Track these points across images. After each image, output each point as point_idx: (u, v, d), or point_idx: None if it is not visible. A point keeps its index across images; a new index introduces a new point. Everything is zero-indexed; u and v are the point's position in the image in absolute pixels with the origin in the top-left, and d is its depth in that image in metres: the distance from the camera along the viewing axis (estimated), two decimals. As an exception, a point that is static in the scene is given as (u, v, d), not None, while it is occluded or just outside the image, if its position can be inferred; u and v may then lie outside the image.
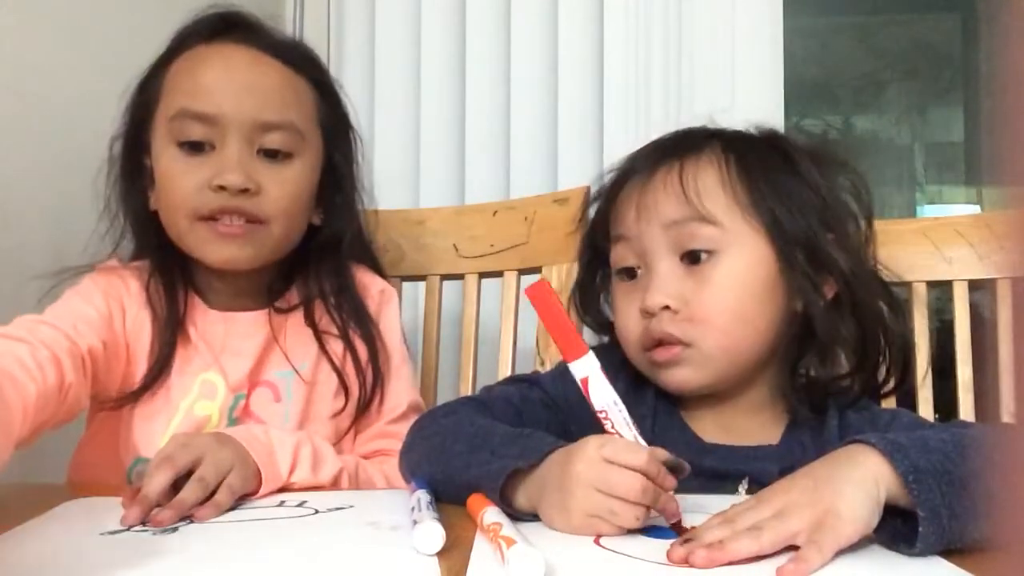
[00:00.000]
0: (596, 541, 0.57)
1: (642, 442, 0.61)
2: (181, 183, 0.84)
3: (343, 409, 0.91)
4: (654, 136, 0.86)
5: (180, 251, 0.88)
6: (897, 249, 1.05)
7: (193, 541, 0.59)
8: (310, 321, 0.92)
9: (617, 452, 0.58)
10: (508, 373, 1.06)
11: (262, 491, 0.71)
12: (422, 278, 1.14)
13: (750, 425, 0.78)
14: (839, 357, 0.78)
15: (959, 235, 1.05)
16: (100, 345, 0.83)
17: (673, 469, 0.60)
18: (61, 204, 1.08)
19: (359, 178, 0.97)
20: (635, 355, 0.78)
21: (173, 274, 0.90)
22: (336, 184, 0.94)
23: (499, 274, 1.11)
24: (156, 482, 0.64)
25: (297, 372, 0.90)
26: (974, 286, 1.06)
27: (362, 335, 0.93)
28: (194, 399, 0.87)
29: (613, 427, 0.61)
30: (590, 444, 0.60)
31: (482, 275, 1.12)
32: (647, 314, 0.74)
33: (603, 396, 0.61)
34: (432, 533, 0.54)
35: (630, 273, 0.78)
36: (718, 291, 0.73)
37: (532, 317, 1.07)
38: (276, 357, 0.91)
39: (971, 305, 1.05)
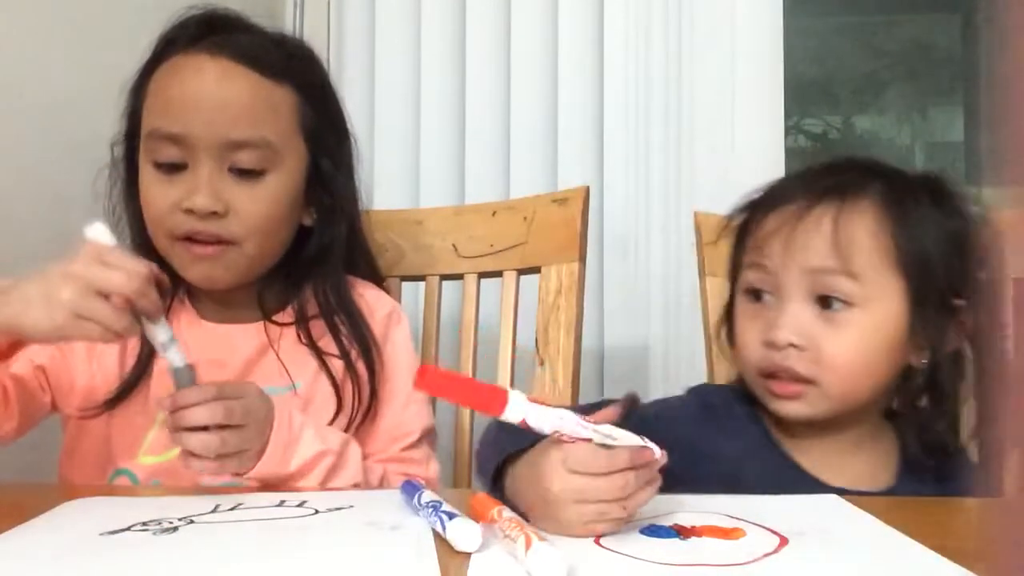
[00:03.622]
0: (596, 541, 0.57)
1: (605, 433, 0.59)
2: (156, 203, 0.84)
3: (331, 422, 0.88)
4: (654, 135, 0.86)
5: None
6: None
7: (193, 541, 0.59)
8: (307, 339, 0.90)
9: (580, 462, 0.58)
10: (507, 373, 1.06)
11: (254, 472, 0.73)
12: (421, 278, 1.14)
13: (855, 462, 0.80)
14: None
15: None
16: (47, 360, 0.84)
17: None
18: (58, 204, 1.08)
19: (356, 178, 0.95)
20: (751, 377, 0.80)
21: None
22: (324, 188, 0.91)
23: (498, 274, 1.11)
24: (194, 392, 0.71)
25: (294, 385, 0.88)
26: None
27: (361, 353, 0.91)
28: None
29: (572, 437, 0.59)
30: (553, 458, 0.59)
31: (481, 275, 1.12)
32: (772, 346, 0.76)
33: (547, 421, 0.58)
34: (470, 531, 0.55)
35: (757, 295, 0.80)
36: (848, 341, 0.75)
37: (532, 317, 1.08)
38: (267, 372, 0.88)
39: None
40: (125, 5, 1.23)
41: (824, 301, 0.76)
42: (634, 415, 0.74)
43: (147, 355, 0.86)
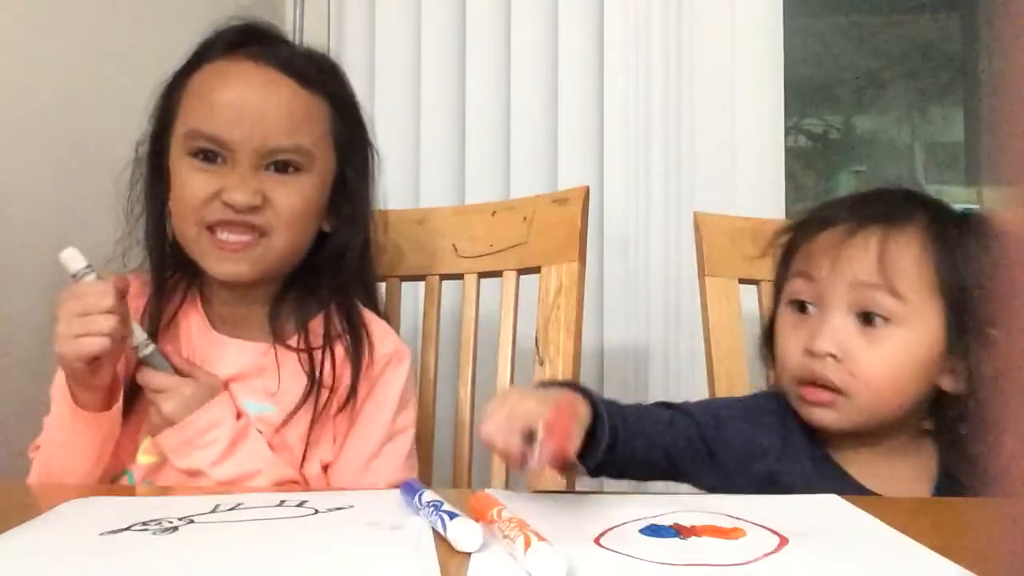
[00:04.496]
0: (596, 541, 0.57)
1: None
2: (193, 190, 0.86)
3: (299, 405, 0.88)
4: (654, 135, 0.87)
5: (193, 266, 0.89)
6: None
7: (193, 541, 0.59)
8: (308, 366, 0.89)
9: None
10: (507, 373, 1.06)
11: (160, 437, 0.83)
12: (422, 278, 1.14)
13: (893, 469, 0.81)
14: None
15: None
16: None
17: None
18: (61, 207, 1.08)
19: (373, 192, 0.98)
20: (788, 384, 0.83)
21: (175, 292, 0.91)
22: (347, 197, 0.94)
23: (498, 274, 1.11)
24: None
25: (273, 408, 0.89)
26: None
27: (352, 366, 0.90)
28: None
29: None
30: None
31: (481, 275, 1.12)
32: (811, 354, 0.79)
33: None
34: (470, 531, 0.55)
35: (801, 307, 0.82)
36: (884, 357, 0.78)
37: (532, 317, 1.08)
38: (253, 388, 0.89)
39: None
40: (128, 9, 1.23)
41: (866, 317, 0.78)
42: (707, 410, 0.84)
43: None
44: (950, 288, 0.78)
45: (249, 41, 0.89)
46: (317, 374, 0.88)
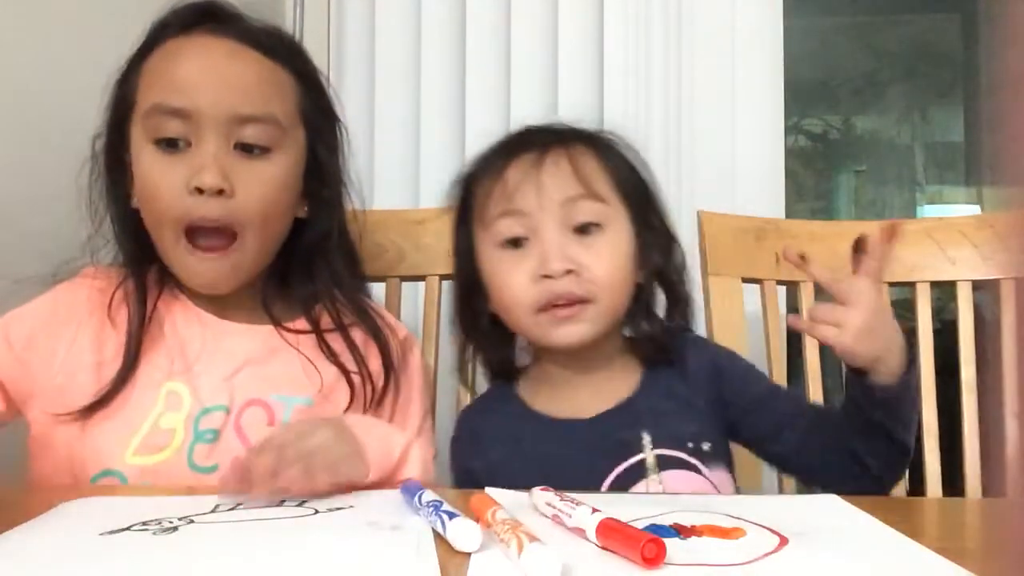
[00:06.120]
0: (595, 541, 0.57)
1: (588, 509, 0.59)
2: (160, 186, 0.82)
3: (347, 408, 0.87)
4: (654, 135, 0.91)
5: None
6: (901, 249, 1.06)
7: (193, 541, 0.58)
8: (325, 348, 0.88)
9: None
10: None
11: (372, 476, 0.74)
12: (422, 278, 1.14)
13: (600, 379, 0.89)
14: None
15: (963, 236, 1.06)
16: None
17: None
18: (56, 205, 1.07)
19: (346, 171, 0.95)
20: (526, 317, 0.85)
21: (148, 279, 0.88)
22: (321, 178, 0.91)
23: (499, 274, 1.11)
24: (260, 463, 0.67)
25: (309, 399, 0.87)
26: (977, 286, 1.06)
27: (378, 347, 0.91)
28: (160, 412, 0.83)
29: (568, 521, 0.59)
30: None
31: (482, 275, 1.12)
32: (547, 278, 0.83)
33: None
34: (470, 531, 0.55)
35: (516, 243, 0.85)
36: (609, 258, 0.84)
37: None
38: (274, 378, 0.87)
39: (973, 305, 1.05)
40: (125, 4, 1.23)
41: (582, 229, 0.84)
42: None
43: (132, 362, 0.84)
44: (629, 188, 0.88)
45: (207, 19, 0.86)
46: (351, 365, 0.88)
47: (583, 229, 0.84)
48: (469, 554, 0.54)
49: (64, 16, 1.14)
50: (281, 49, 0.88)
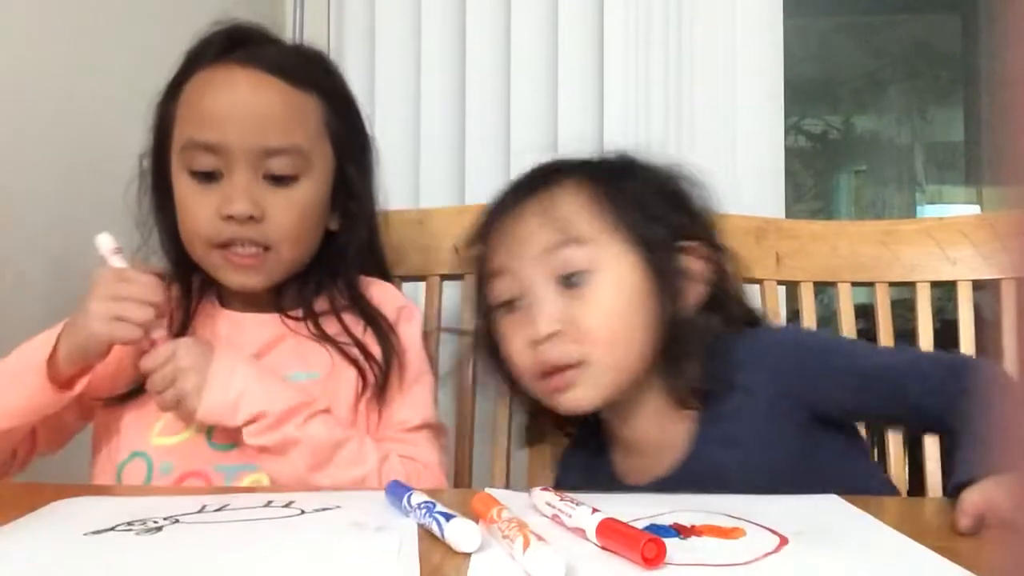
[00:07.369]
0: (596, 541, 0.57)
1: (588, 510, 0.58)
2: (194, 212, 0.87)
3: (362, 394, 0.90)
4: (654, 135, 0.88)
5: None
6: (901, 249, 1.06)
7: (177, 541, 0.58)
8: (317, 330, 0.92)
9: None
10: (508, 373, 1.06)
11: (199, 414, 0.80)
12: (422, 278, 1.14)
13: (653, 436, 0.81)
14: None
15: (963, 236, 1.06)
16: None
17: None
18: (64, 208, 1.08)
19: (375, 185, 0.98)
20: (532, 384, 0.80)
21: (191, 283, 0.92)
22: (350, 192, 0.94)
23: (499, 274, 1.11)
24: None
25: (315, 374, 0.90)
26: (977, 286, 1.06)
27: (376, 335, 0.93)
28: None
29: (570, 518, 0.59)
30: None
31: (482, 275, 1.12)
32: (536, 343, 0.77)
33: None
34: (470, 531, 0.55)
35: (511, 306, 0.81)
36: (598, 307, 0.77)
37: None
38: (287, 359, 0.91)
39: (973, 305, 1.05)
40: (129, 9, 1.23)
41: (567, 280, 0.78)
42: None
43: None
44: (626, 216, 0.79)
45: (237, 44, 0.90)
46: (352, 350, 0.90)
47: (569, 280, 0.78)
48: (469, 555, 0.54)
49: (107, 27, 1.16)
50: (306, 72, 0.91)
